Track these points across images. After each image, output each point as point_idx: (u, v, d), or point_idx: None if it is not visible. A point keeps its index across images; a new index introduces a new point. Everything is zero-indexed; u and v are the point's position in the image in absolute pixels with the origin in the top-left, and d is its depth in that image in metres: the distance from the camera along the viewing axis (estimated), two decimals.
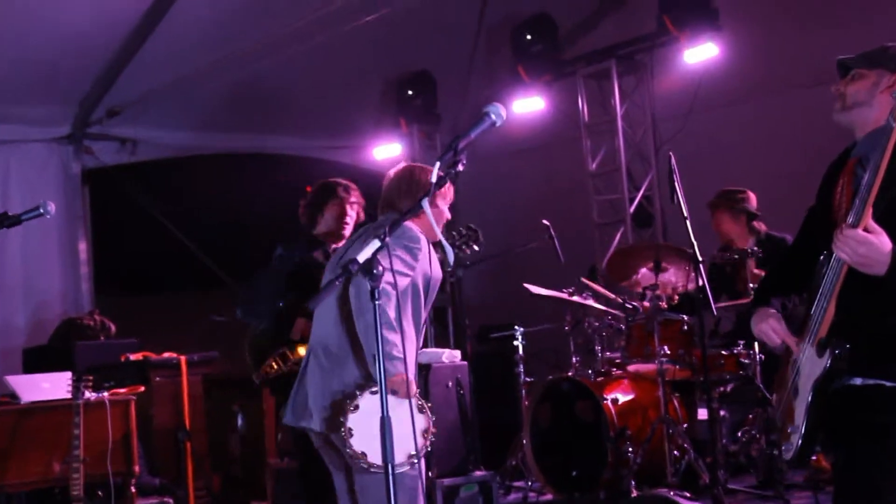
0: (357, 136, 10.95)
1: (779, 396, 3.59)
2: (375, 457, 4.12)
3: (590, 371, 6.35)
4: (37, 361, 7.76)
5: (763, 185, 6.99)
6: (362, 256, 3.18)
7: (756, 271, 6.19)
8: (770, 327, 3.47)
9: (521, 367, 6.82)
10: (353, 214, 5.64)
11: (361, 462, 4.12)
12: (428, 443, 4.13)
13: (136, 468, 6.39)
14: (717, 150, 8.69)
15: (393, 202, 4.57)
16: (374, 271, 3.15)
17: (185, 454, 7.24)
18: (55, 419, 6.19)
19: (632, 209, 9.12)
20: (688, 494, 5.39)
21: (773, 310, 3.48)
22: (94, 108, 9.60)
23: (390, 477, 3.12)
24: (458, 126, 10.36)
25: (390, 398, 4.10)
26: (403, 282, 4.21)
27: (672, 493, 5.29)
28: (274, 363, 5.54)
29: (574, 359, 6.73)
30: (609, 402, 6.08)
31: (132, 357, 7.64)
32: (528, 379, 6.84)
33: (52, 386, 6.28)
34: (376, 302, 3.14)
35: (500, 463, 6.80)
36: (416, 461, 4.11)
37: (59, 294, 9.67)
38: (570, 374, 6.44)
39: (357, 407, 4.12)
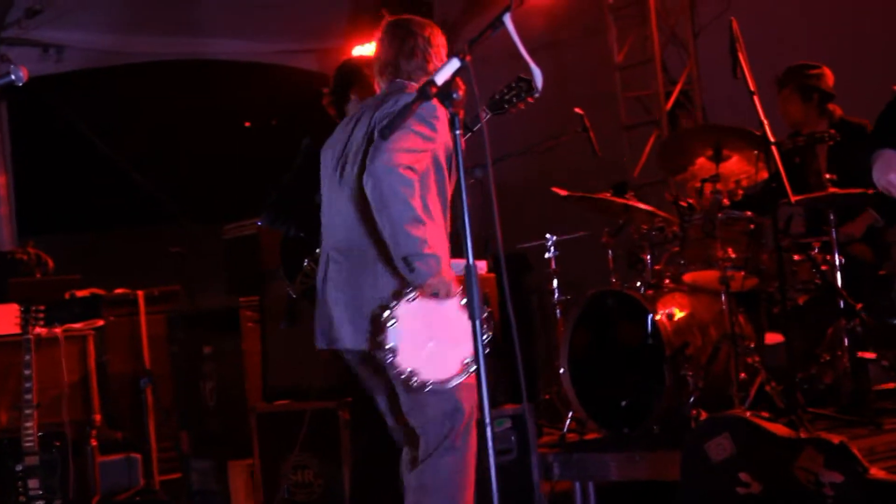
0: (328, 35, 10.90)
1: None
2: (428, 372, 4.21)
3: (638, 283, 6.40)
4: None
5: None
6: (441, 77, 3.19)
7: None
8: None
9: (556, 281, 6.88)
10: None
11: (413, 381, 4.16)
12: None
13: (98, 416, 6.43)
14: (768, 36, 8.69)
15: (396, 65, 4.56)
16: (454, 95, 3.17)
17: (147, 405, 7.28)
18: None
19: (668, 106, 9.17)
20: (766, 415, 5.45)
21: None
22: (8, 8, 9.50)
23: (479, 341, 3.15)
24: (452, 17, 10.33)
25: (430, 303, 4.17)
26: (424, 161, 4.25)
27: (749, 414, 5.35)
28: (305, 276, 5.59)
29: (612, 278, 6.78)
30: (664, 318, 6.13)
31: (78, 294, 7.64)
32: (562, 297, 6.91)
33: None
34: (457, 131, 3.16)
35: (530, 399, 6.87)
36: (472, 368, 4.16)
37: None
38: (615, 287, 6.48)
39: (396, 320, 4.17)
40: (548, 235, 6.98)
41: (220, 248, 8.08)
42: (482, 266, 6.26)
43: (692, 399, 5.99)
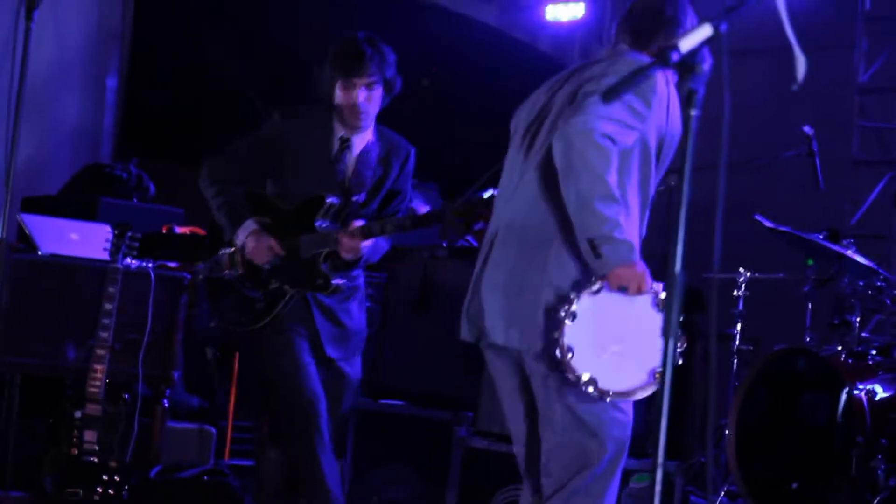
0: None
1: None
2: (608, 381, 4.16)
3: (839, 348, 6.35)
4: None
5: None
6: (686, 44, 3.10)
7: None
8: None
9: (739, 326, 6.86)
10: (365, 106, 5.41)
11: (589, 390, 4.15)
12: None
13: (175, 374, 6.48)
14: None
15: (652, 36, 4.53)
16: (698, 68, 3.07)
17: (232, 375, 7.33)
18: (79, 285, 6.27)
19: None
20: None
21: None
22: None
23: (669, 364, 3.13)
24: None
25: (617, 297, 4.13)
26: (629, 137, 4.22)
27: None
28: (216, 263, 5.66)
29: (807, 336, 6.75)
30: (863, 395, 6.08)
31: (178, 230, 7.74)
32: (743, 346, 6.90)
33: (83, 240, 6.38)
34: (693, 112, 3.08)
35: (682, 455, 6.86)
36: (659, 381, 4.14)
37: (69, 141, 9.73)
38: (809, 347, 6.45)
39: (575, 315, 4.13)
40: (741, 270, 6.94)
41: None
42: (658, 285, 6.25)
43: (879, 499, 5.92)
